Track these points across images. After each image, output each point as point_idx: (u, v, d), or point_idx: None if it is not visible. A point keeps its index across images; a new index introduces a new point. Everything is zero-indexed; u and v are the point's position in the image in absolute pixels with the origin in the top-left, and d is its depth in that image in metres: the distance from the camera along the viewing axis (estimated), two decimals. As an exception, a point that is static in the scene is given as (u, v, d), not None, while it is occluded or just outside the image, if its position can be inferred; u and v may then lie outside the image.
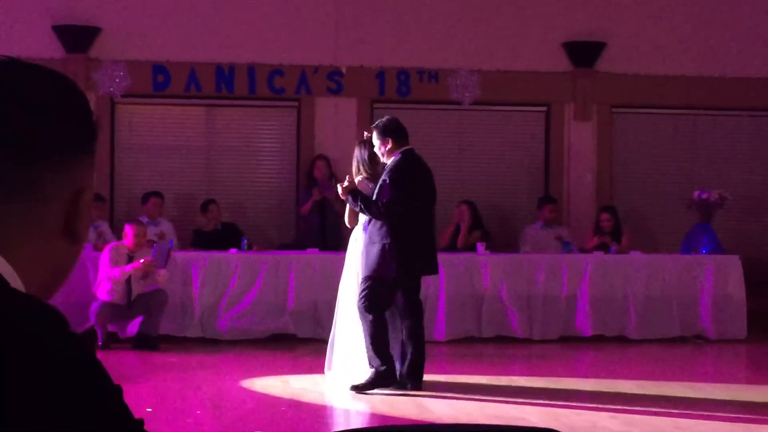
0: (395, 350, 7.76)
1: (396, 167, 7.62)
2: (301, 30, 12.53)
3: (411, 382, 7.68)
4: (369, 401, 7.45)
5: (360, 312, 7.67)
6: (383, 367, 7.58)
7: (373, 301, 7.59)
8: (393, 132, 7.70)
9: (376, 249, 7.57)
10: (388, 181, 7.55)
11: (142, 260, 9.74)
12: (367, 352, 7.66)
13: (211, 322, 10.46)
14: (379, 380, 7.59)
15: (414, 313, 7.73)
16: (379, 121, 8.00)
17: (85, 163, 1.26)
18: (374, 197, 7.59)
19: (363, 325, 7.68)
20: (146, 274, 9.86)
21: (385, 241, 7.53)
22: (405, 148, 7.74)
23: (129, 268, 9.74)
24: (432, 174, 7.91)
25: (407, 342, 7.71)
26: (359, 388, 7.63)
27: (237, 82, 12.46)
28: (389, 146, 7.67)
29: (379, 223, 7.58)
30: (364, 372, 7.71)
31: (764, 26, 13.16)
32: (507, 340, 10.72)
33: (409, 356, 7.69)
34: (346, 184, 7.70)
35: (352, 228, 8.07)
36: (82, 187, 1.25)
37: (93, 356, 1.19)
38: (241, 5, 12.47)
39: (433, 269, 7.91)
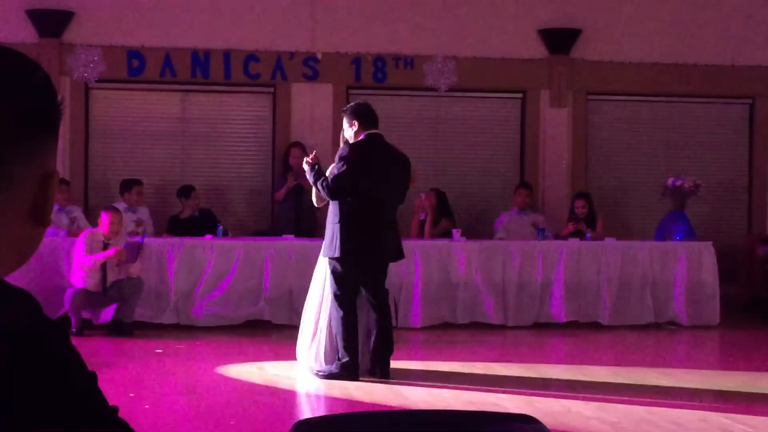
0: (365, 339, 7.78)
1: (351, 146, 7.63)
2: (277, 16, 12.48)
3: (379, 370, 7.68)
4: (344, 387, 7.46)
5: (333, 300, 7.67)
6: (346, 359, 7.59)
7: (339, 284, 7.59)
8: (360, 115, 7.71)
9: (329, 230, 7.64)
10: (338, 158, 7.60)
11: (113, 250, 9.70)
12: (337, 341, 7.68)
13: (186, 308, 10.43)
14: (342, 372, 7.61)
15: (378, 301, 7.71)
16: (350, 104, 8.04)
17: (51, 146, 1.25)
18: None
19: (333, 313, 7.68)
20: (120, 262, 9.82)
21: (335, 222, 7.57)
22: (371, 132, 7.72)
23: (100, 257, 9.69)
24: (396, 161, 7.76)
25: (372, 329, 7.71)
26: (322, 376, 7.67)
27: (212, 68, 12.41)
28: (355, 128, 7.70)
29: (336, 204, 7.60)
30: (328, 361, 7.74)
31: (738, 14, 13.23)
32: (482, 326, 10.75)
33: (373, 344, 7.70)
34: (312, 155, 7.80)
35: (320, 206, 8.11)
36: (49, 171, 1.24)
37: (67, 341, 1.18)
38: (216, -10, 12.41)
39: (385, 256, 7.74)
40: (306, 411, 7.06)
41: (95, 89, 12.45)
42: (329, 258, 7.63)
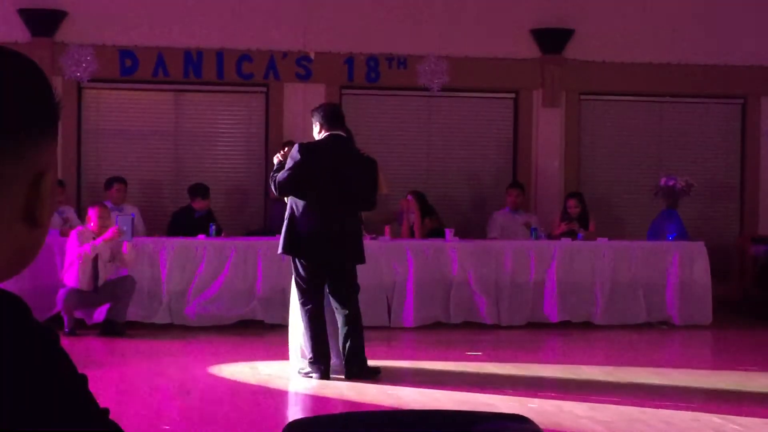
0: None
1: (300, 145, 7.63)
2: (270, 15, 12.48)
3: (355, 370, 7.65)
4: (337, 387, 7.47)
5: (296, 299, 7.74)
6: (310, 356, 7.63)
7: (296, 283, 7.65)
8: (321, 116, 7.73)
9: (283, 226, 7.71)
10: (289, 157, 7.64)
11: (110, 231, 9.66)
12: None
13: (179, 308, 10.42)
14: (310, 370, 7.65)
15: (341, 305, 7.69)
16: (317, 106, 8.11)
17: (46, 147, 1.21)
18: None
19: (299, 312, 7.73)
20: (113, 255, 9.80)
21: (285, 219, 7.67)
22: (332, 132, 7.70)
23: (99, 241, 9.66)
24: (357, 163, 7.70)
25: (341, 328, 7.71)
26: (300, 373, 7.73)
27: (205, 67, 12.39)
28: (317, 129, 7.72)
29: (288, 201, 7.66)
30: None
31: (731, 14, 13.25)
32: (475, 326, 10.76)
33: (342, 347, 7.70)
34: (282, 152, 7.82)
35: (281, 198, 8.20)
36: (42, 171, 1.20)
37: (57, 346, 1.18)
38: (209, -10, 12.39)
39: (335, 256, 7.64)
40: (298, 411, 7.06)
41: (87, 89, 12.43)
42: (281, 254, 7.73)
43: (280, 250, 7.72)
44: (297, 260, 7.65)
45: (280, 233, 10.92)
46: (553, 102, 13.01)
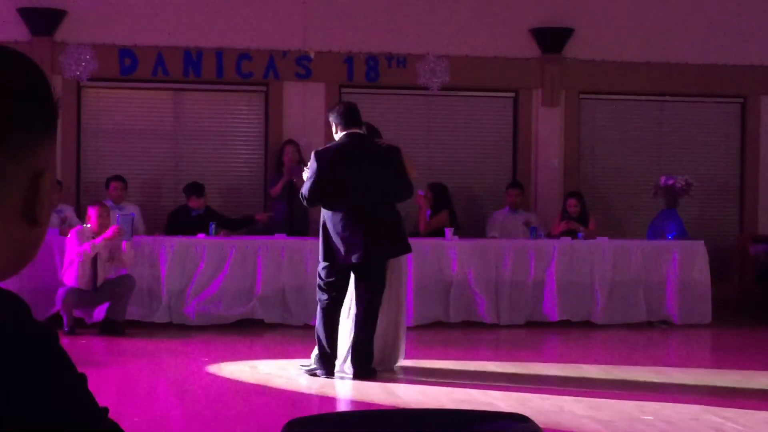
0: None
1: (316, 153, 7.62)
2: (269, 14, 12.47)
3: (353, 367, 7.66)
4: (336, 386, 7.47)
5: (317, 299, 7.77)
6: (319, 352, 7.66)
7: (320, 284, 7.67)
8: (336, 116, 7.71)
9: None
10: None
11: (111, 230, 9.67)
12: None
13: (178, 307, 10.42)
14: (317, 364, 7.69)
15: (360, 298, 7.68)
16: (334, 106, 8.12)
17: (45, 145, 1.22)
18: None
19: (317, 311, 7.77)
20: (112, 255, 9.80)
21: (320, 228, 7.66)
22: (350, 131, 7.69)
23: (99, 240, 9.67)
24: (377, 157, 7.68)
25: (355, 327, 7.71)
26: (304, 369, 7.76)
27: (204, 67, 12.39)
28: (334, 129, 7.72)
29: (321, 210, 7.68)
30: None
31: (730, 13, 13.25)
32: (474, 325, 10.76)
33: (352, 341, 7.71)
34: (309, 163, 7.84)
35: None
36: (41, 170, 1.21)
37: (56, 345, 1.18)
38: (208, -11, 12.39)
39: (369, 257, 7.55)
40: (298, 410, 7.06)
41: (87, 88, 12.42)
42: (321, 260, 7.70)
43: (320, 259, 7.67)
44: (325, 266, 7.65)
45: (280, 232, 11.03)
46: (552, 101, 13.00)
